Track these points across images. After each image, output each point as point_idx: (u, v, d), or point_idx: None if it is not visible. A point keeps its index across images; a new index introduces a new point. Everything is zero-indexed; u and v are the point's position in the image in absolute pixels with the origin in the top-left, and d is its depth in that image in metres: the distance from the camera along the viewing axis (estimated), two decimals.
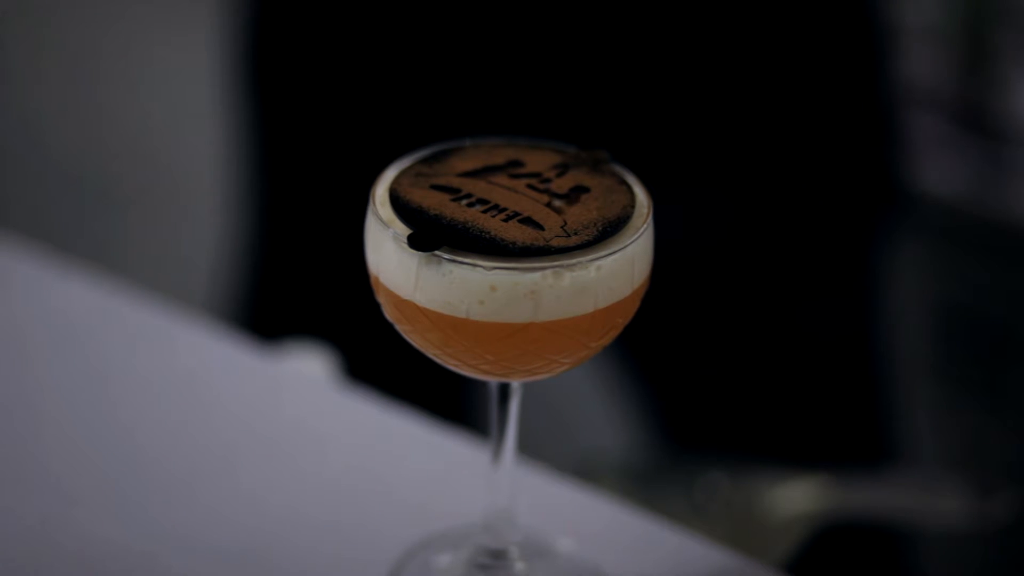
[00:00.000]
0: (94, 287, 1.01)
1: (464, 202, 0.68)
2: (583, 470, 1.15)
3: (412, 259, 0.66)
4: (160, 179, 2.32)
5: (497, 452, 0.75)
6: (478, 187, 0.69)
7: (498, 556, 0.77)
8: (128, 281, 1.11)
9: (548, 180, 0.70)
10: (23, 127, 2.40)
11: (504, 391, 0.73)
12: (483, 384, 0.73)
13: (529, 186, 0.69)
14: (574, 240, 0.66)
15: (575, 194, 0.69)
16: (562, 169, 0.71)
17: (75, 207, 2.38)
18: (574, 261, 0.65)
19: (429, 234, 0.65)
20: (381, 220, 0.67)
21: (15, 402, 0.92)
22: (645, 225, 0.68)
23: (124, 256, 2.26)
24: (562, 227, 0.66)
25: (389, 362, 1.14)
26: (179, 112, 2.27)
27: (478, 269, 0.64)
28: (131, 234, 2.31)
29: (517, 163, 0.71)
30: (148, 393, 0.93)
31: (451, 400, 1.19)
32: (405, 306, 0.67)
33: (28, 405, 0.91)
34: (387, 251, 0.67)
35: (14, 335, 0.97)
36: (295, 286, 1.34)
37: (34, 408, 0.91)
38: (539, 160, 0.71)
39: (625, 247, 0.66)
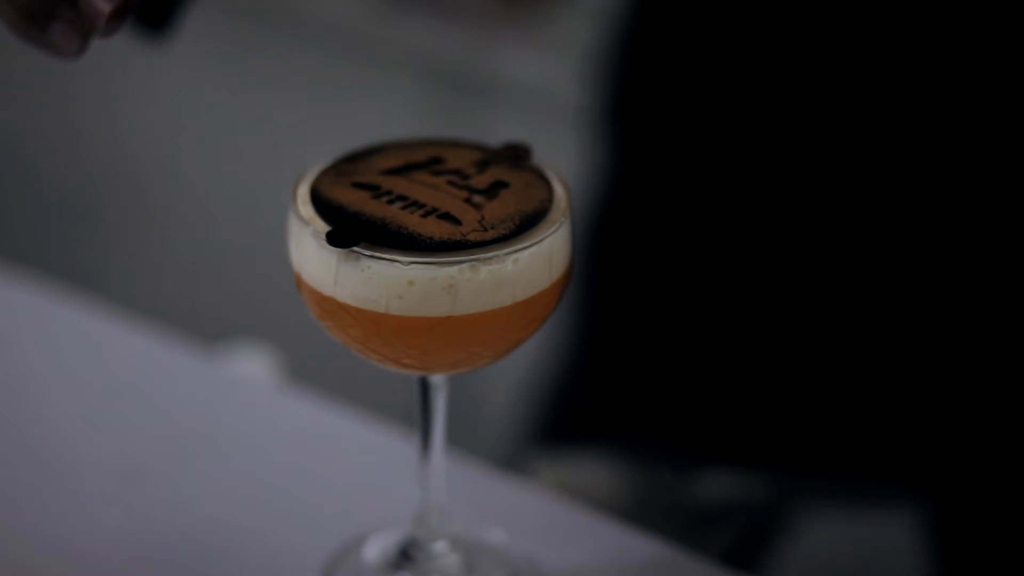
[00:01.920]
0: (35, 290, 1.01)
1: (384, 199, 0.69)
2: (527, 466, 1.16)
3: (331, 256, 0.66)
4: (119, 186, 2.32)
5: (425, 446, 0.75)
6: (399, 184, 0.70)
7: (429, 549, 0.78)
8: (73, 284, 1.12)
9: (468, 176, 0.71)
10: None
11: (430, 386, 0.74)
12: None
13: (449, 183, 0.70)
14: (491, 234, 0.67)
15: (494, 190, 0.70)
16: (482, 165, 0.72)
17: (32, 212, 2.38)
18: (491, 255, 0.66)
19: (347, 231, 0.66)
20: (301, 218, 0.68)
21: None
22: (562, 219, 0.69)
23: (73, 260, 2.26)
24: (479, 222, 0.67)
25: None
26: (130, 116, 2.27)
27: (396, 264, 0.65)
28: (78, 237, 2.31)
29: (438, 160, 0.72)
30: (89, 395, 0.93)
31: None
32: (326, 302, 0.67)
33: None
34: (308, 249, 0.68)
35: None
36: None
37: None
38: (460, 157, 0.72)
39: (542, 240, 0.67)
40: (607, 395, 1.22)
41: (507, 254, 0.66)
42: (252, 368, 1.03)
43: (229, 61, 2.06)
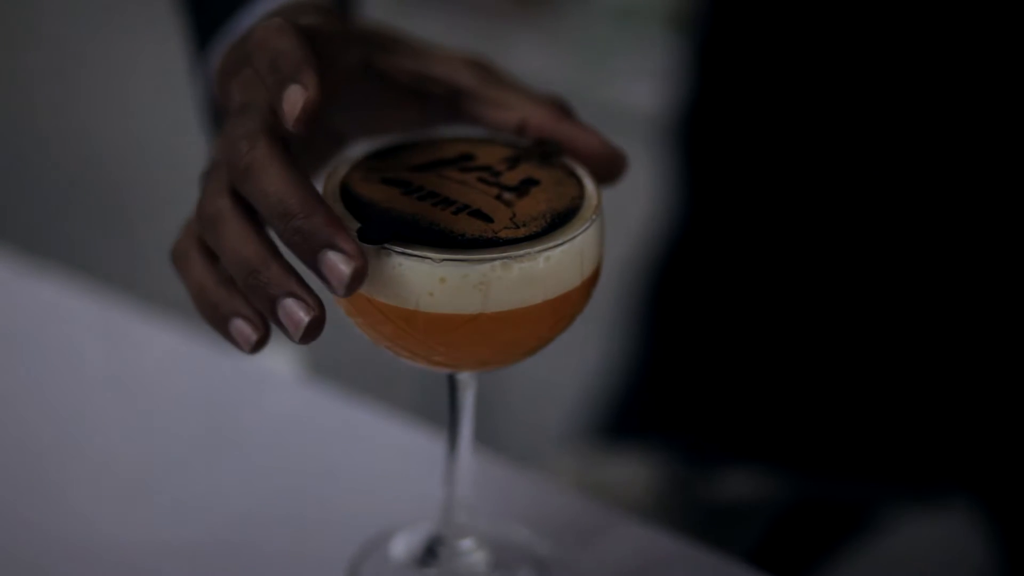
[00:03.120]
0: (61, 285, 1.01)
1: (415, 195, 0.68)
2: (543, 459, 1.15)
3: None
4: (140, 181, 2.32)
5: (453, 443, 0.75)
6: (429, 180, 0.70)
7: (455, 546, 0.77)
8: (97, 280, 1.12)
9: (498, 173, 0.70)
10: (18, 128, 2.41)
11: (459, 383, 0.74)
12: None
13: (479, 179, 0.70)
14: (523, 232, 0.66)
15: (525, 187, 0.70)
16: (512, 162, 0.71)
17: (55, 208, 2.38)
18: (522, 252, 0.66)
19: (378, 227, 0.66)
20: None
21: None
22: (594, 216, 0.68)
23: (96, 255, 2.26)
24: (511, 219, 0.67)
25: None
26: (154, 115, 2.27)
27: (427, 261, 0.65)
28: (102, 233, 2.31)
29: (468, 156, 0.72)
30: (113, 389, 0.93)
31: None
32: (356, 299, 0.67)
33: None
34: None
35: None
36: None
37: None
38: (490, 153, 0.72)
39: (573, 238, 0.67)
40: (656, 398, 1.22)
41: (539, 252, 0.66)
42: (276, 363, 1.03)
43: None
